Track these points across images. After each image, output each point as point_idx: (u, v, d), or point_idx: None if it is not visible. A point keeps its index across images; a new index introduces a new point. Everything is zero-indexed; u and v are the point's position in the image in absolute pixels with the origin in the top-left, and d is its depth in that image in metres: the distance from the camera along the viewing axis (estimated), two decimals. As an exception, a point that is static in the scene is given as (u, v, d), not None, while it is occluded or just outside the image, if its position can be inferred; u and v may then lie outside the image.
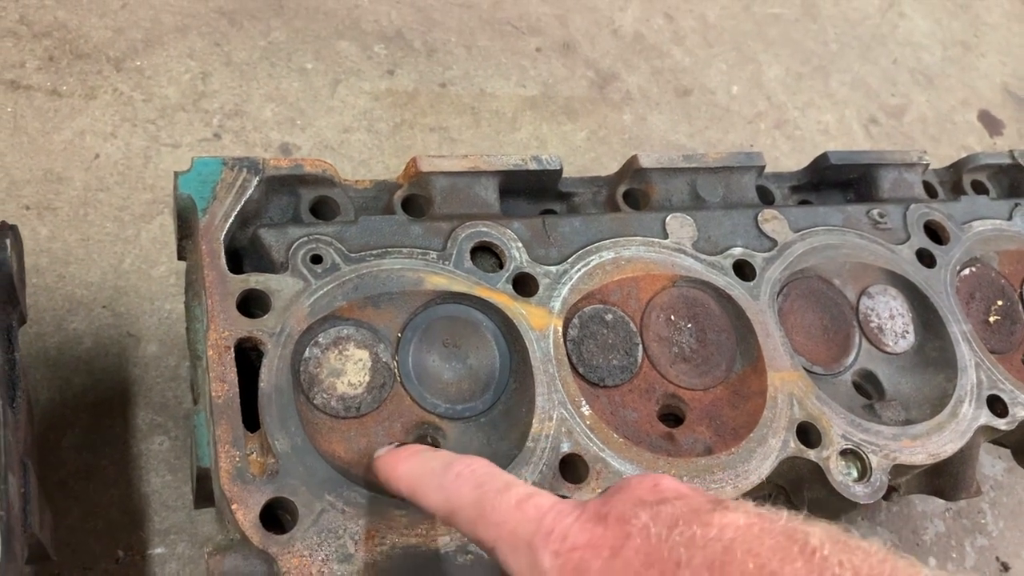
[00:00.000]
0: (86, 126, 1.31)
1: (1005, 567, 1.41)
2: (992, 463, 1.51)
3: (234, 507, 0.78)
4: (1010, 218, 1.30)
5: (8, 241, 0.82)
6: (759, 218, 1.14)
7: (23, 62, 1.33)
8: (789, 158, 1.74)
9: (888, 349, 1.14)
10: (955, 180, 1.35)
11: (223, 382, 0.83)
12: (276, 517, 0.82)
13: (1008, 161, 1.37)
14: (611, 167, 1.63)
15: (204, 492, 0.94)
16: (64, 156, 1.27)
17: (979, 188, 1.35)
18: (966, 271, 1.23)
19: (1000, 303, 1.25)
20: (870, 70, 1.94)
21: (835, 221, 1.19)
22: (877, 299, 1.17)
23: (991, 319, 1.23)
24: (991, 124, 1.98)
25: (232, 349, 0.85)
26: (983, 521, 1.45)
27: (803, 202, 1.27)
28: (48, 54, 1.35)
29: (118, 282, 1.20)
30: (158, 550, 1.06)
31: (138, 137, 1.33)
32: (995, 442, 1.17)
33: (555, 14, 1.71)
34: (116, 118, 1.33)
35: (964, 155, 1.93)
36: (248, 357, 0.88)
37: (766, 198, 1.21)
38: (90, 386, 1.13)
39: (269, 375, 0.85)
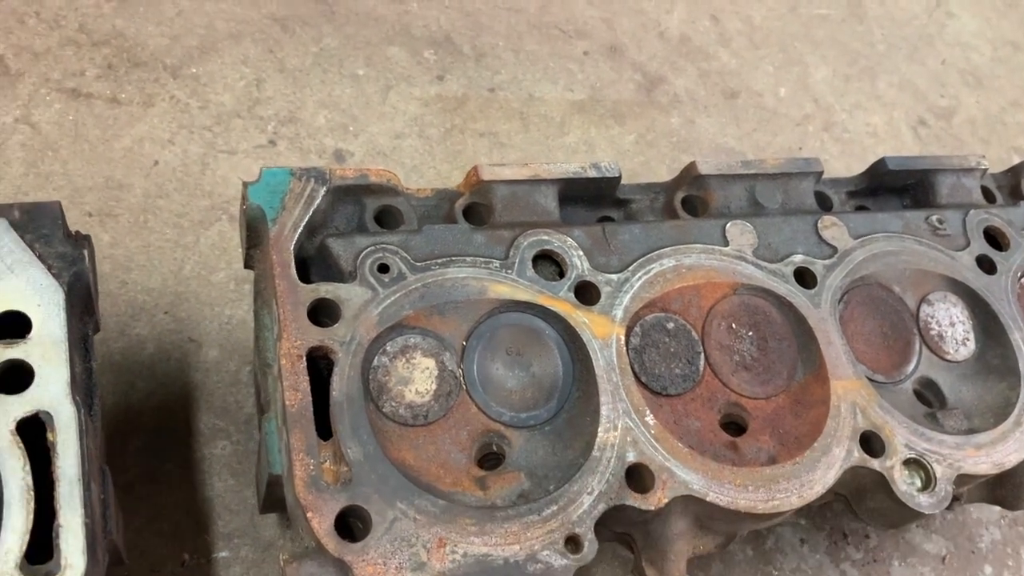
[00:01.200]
0: (145, 133, 1.33)
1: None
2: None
3: (309, 515, 0.79)
4: None
5: (85, 252, 0.84)
6: (819, 225, 1.13)
7: (83, 70, 1.36)
8: (838, 161, 1.72)
9: (949, 357, 1.13)
10: (1013, 184, 1.33)
11: (296, 391, 0.84)
12: (349, 525, 0.83)
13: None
14: (660, 171, 1.63)
15: (272, 498, 0.95)
16: (124, 163, 1.29)
17: None
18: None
19: (1063, 309, 1.23)
20: (918, 71, 1.92)
21: (894, 227, 1.18)
22: (937, 306, 1.16)
23: (1055, 325, 1.22)
24: (1043, 125, 1.96)
25: (304, 358, 0.86)
26: (1039, 529, 1.43)
27: (860, 207, 1.26)
28: (107, 62, 1.37)
29: (178, 288, 1.22)
30: (223, 554, 1.07)
31: (195, 144, 1.34)
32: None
33: (602, 17, 1.71)
34: (173, 125, 1.35)
35: (1016, 158, 1.92)
36: (318, 366, 0.89)
37: (824, 204, 1.20)
38: (153, 390, 1.15)
39: (340, 384, 0.86)
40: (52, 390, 0.76)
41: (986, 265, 1.19)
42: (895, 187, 1.28)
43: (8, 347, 0.77)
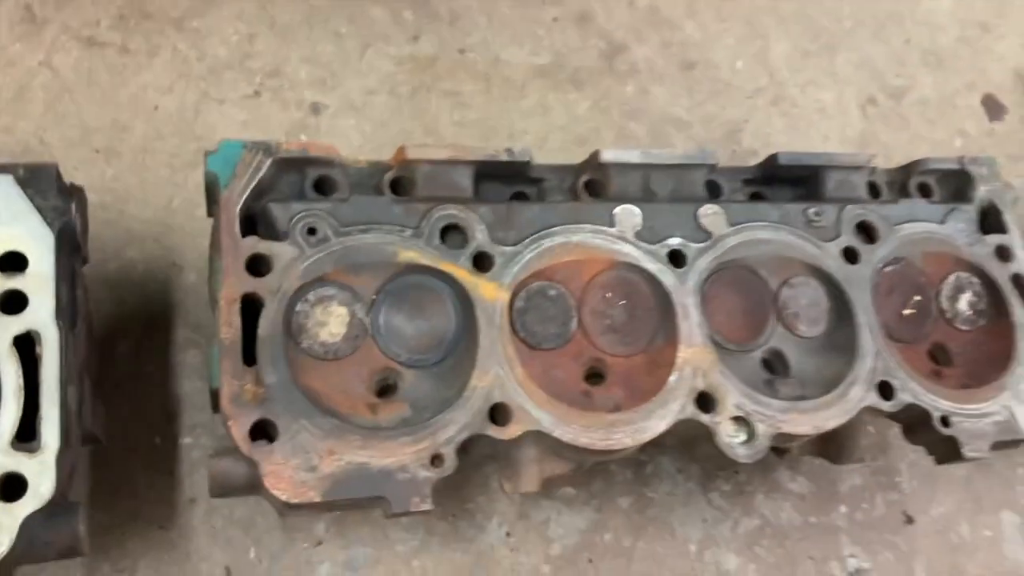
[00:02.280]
0: (149, 81, 1.55)
1: (909, 519, 1.62)
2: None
3: (230, 423, 1.04)
4: (943, 222, 1.45)
5: (74, 204, 1.07)
6: (698, 212, 1.32)
7: (98, 20, 1.57)
8: (782, 135, 1.87)
9: (800, 333, 1.33)
10: (903, 181, 1.49)
11: (230, 327, 1.08)
12: (264, 432, 1.08)
13: (955, 166, 1.50)
14: (608, 137, 1.80)
15: (216, 404, 1.21)
16: (129, 107, 1.52)
17: (925, 191, 1.49)
18: (890, 268, 1.40)
19: (917, 298, 1.41)
20: (880, 50, 2.03)
21: (772, 217, 1.36)
22: (798, 289, 1.35)
23: (905, 312, 1.40)
24: (993, 109, 2.06)
25: (238, 301, 1.10)
26: (898, 479, 1.65)
27: (755, 195, 1.43)
28: (120, 13, 1.58)
29: (168, 220, 1.46)
30: (187, 440, 1.35)
31: (191, 92, 1.56)
32: (890, 418, 1.36)
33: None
34: (174, 75, 1.56)
35: (959, 142, 2.04)
36: (253, 307, 1.12)
37: (714, 193, 1.38)
38: (141, 305, 1.41)
39: (266, 324, 1.10)
40: (41, 314, 1.01)
41: (850, 256, 1.37)
42: (790, 179, 1.45)
43: (9, 279, 1.02)
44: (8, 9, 1.52)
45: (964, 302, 1.44)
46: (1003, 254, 1.46)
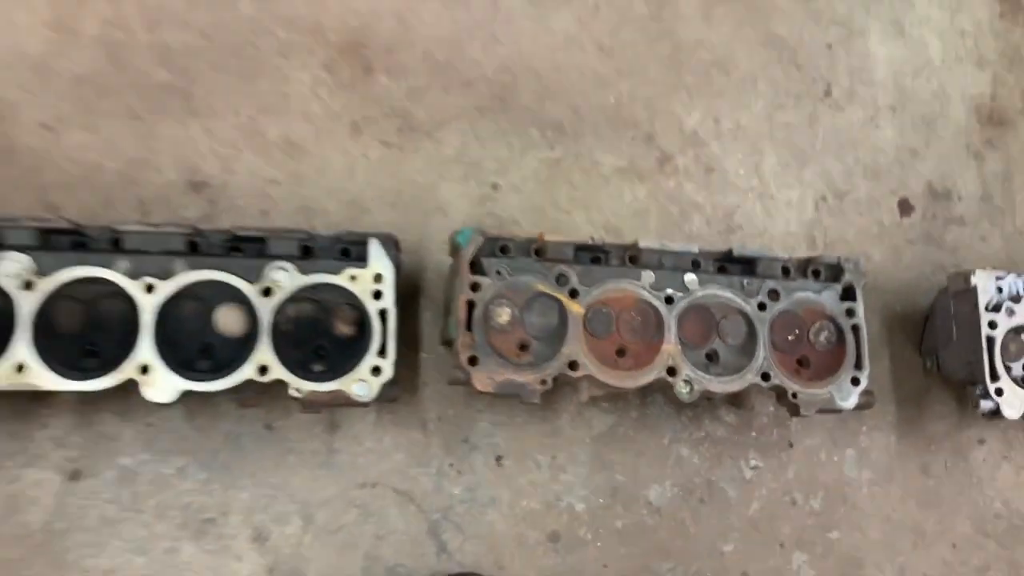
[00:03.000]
0: (417, 168, 2.92)
1: (790, 445, 2.95)
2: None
3: (459, 354, 2.42)
4: (819, 292, 2.72)
5: (396, 248, 2.47)
6: (685, 277, 2.62)
7: (390, 130, 2.94)
8: (760, 218, 3.13)
9: (727, 343, 2.64)
10: (804, 268, 2.76)
11: (462, 313, 2.46)
12: (472, 360, 2.46)
13: (835, 262, 2.76)
14: (655, 213, 3.09)
15: (448, 344, 2.60)
16: (407, 182, 2.90)
17: (816, 274, 2.76)
18: (782, 315, 2.69)
19: (796, 331, 2.69)
20: (836, 165, 3.22)
21: (723, 283, 2.62)
22: (730, 320, 2.62)
23: (789, 338, 2.70)
24: (905, 208, 3.27)
25: (466, 303, 2.47)
26: (788, 423, 2.96)
27: (720, 268, 2.69)
28: (399, 128, 2.95)
29: (422, 249, 2.85)
30: (424, 355, 2.76)
31: (432, 174, 2.93)
32: (769, 391, 2.69)
33: (647, 117, 3.14)
34: (427, 165, 2.93)
35: (875, 228, 3.26)
36: (471, 305, 2.49)
37: (695, 266, 2.68)
38: (407, 290, 2.81)
39: (476, 314, 2.47)
40: (388, 301, 2.40)
41: (762, 307, 2.64)
42: (739, 260, 2.73)
43: (376, 284, 2.42)
44: (342, 124, 2.91)
45: (823, 337, 2.70)
46: (850, 313, 2.70)
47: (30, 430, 2.32)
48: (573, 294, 2.38)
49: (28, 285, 1.97)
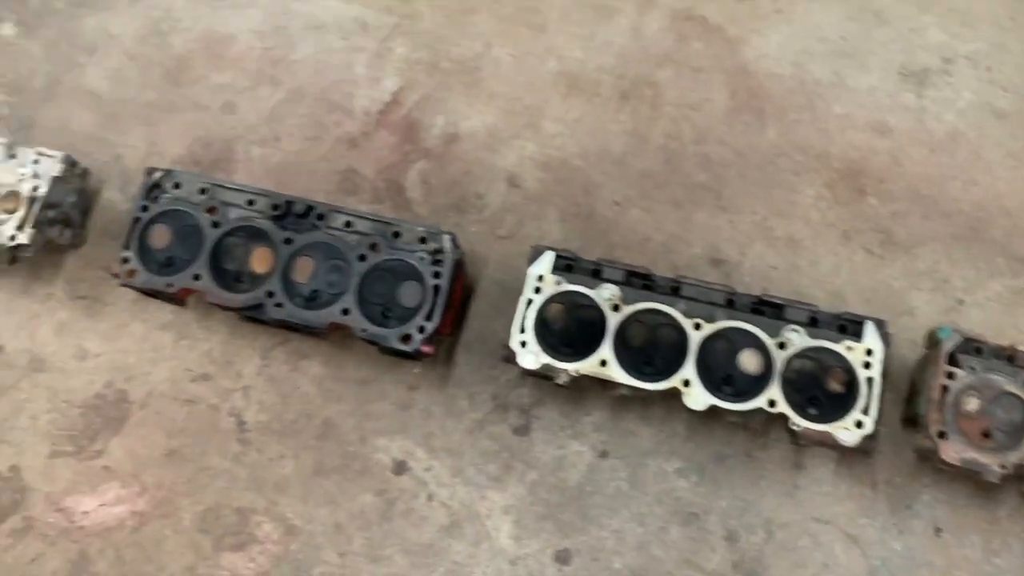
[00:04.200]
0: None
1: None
2: None
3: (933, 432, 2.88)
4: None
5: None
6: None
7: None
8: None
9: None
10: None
11: (935, 403, 2.92)
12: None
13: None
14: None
15: (907, 419, 3.06)
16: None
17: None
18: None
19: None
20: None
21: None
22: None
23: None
24: None
25: (941, 389, 2.92)
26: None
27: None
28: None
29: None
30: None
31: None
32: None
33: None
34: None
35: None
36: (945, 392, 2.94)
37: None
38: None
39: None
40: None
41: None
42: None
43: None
44: (835, 232, 3.55)
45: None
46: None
47: (579, 415, 3.13)
48: (616, 308, 2.67)
49: (616, 308, 2.78)
